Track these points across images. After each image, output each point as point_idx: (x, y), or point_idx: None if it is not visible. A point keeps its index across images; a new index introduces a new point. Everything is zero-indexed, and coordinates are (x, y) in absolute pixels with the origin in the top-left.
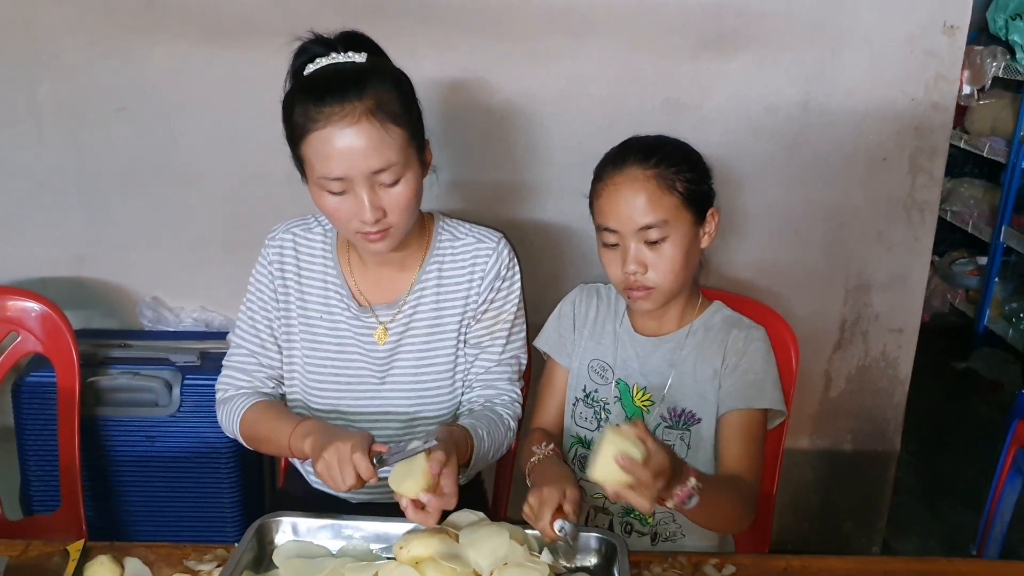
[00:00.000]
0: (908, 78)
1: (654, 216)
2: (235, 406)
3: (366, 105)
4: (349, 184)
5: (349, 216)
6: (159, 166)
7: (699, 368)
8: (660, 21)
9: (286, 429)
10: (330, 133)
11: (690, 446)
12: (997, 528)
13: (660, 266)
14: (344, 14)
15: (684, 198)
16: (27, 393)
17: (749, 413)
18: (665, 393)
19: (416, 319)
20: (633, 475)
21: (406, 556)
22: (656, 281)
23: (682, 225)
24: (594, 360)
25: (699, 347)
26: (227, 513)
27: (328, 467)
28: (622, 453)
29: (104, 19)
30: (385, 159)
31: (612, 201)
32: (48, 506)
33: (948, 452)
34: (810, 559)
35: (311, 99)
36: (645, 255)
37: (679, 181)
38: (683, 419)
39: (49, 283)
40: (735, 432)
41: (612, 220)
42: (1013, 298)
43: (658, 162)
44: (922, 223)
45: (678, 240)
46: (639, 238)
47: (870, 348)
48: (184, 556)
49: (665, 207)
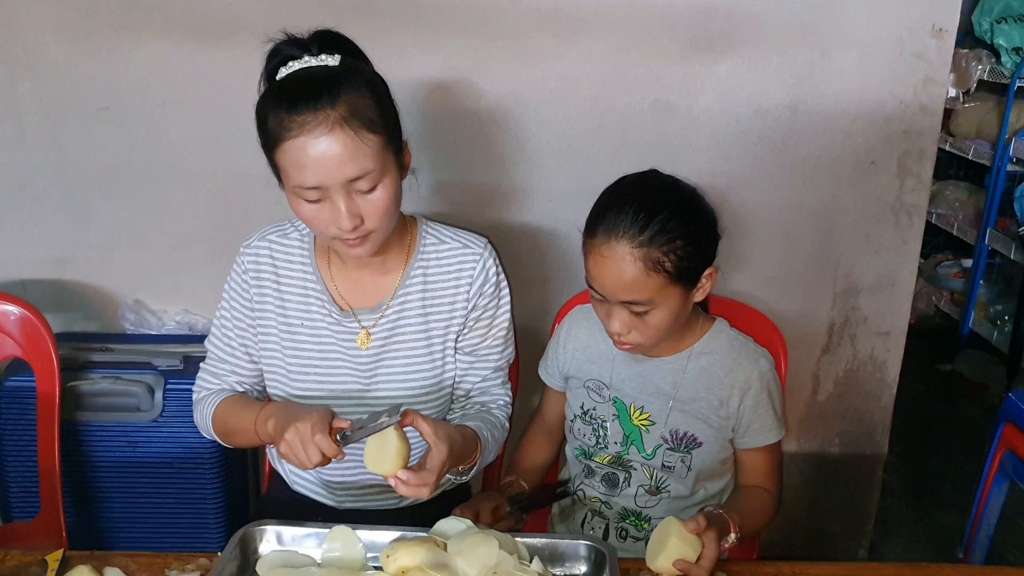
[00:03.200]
0: (897, 81)
1: (639, 295)
2: (207, 405)
3: (339, 112)
4: (325, 192)
5: (327, 223)
6: (142, 166)
7: (704, 395)
8: (649, 22)
9: (251, 416)
10: (304, 142)
11: (690, 468)
12: (983, 531)
13: (645, 331)
14: (329, 14)
15: (673, 277)
16: (6, 398)
17: (772, 445)
18: (667, 416)
19: (401, 324)
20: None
21: (393, 566)
22: (641, 341)
23: (669, 299)
24: (590, 380)
25: (704, 373)
26: (210, 520)
27: (291, 448)
28: (681, 559)
29: (86, 17)
30: (361, 167)
31: (598, 269)
32: (27, 513)
33: (934, 455)
34: (801, 565)
35: (283, 107)
36: (631, 320)
37: (668, 260)
38: (685, 442)
39: (29, 285)
40: (762, 464)
41: (597, 285)
42: (998, 300)
43: (651, 239)
44: (910, 226)
45: (664, 311)
46: (624, 306)
47: (858, 351)
48: (166, 565)
49: (651, 288)
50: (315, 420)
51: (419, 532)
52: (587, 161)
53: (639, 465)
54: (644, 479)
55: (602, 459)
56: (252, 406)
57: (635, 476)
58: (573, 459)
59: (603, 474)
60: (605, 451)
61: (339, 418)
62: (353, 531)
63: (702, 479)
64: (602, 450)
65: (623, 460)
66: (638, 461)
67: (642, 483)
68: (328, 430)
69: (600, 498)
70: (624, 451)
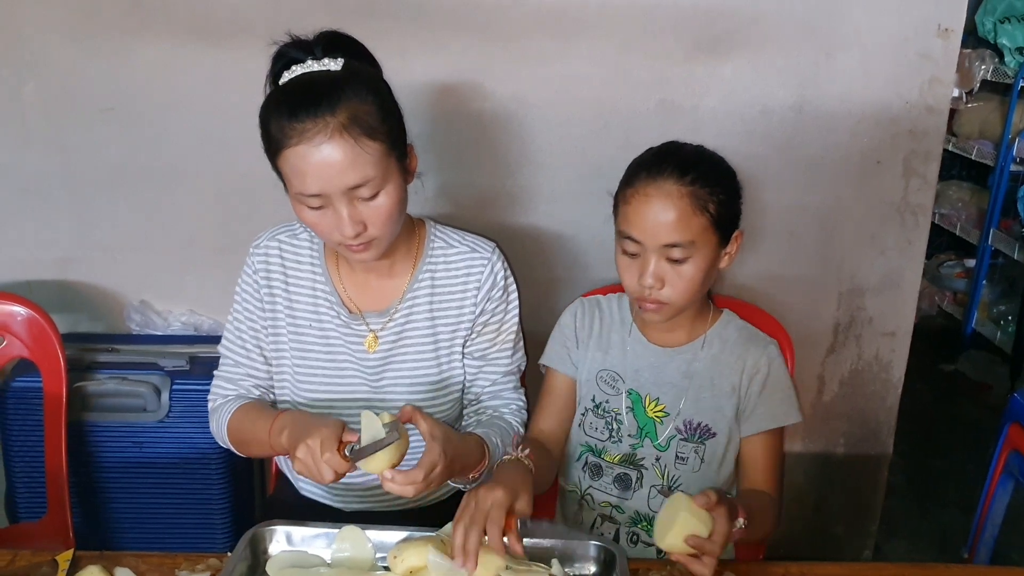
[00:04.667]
0: (902, 81)
1: (681, 236)
2: (222, 414)
3: (340, 120)
4: (327, 199)
5: (330, 230)
6: (147, 167)
7: (717, 382)
8: (654, 23)
9: (265, 426)
10: (304, 150)
11: (704, 460)
12: (988, 531)
13: (678, 284)
14: (334, 14)
15: (714, 220)
16: (13, 398)
17: (775, 432)
18: (681, 407)
19: (409, 328)
20: (703, 551)
21: (401, 566)
22: (671, 298)
23: (707, 247)
24: (603, 371)
25: (716, 360)
26: (216, 520)
27: (306, 467)
28: (692, 534)
29: (90, 18)
30: (362, 175)
31: (640, 211)
32: (34, 513)
33: (938, 454)
34: (809, 565)
35: (285, 113)
36: (665, 271)
37: (712, 202)
38: (698, 432)
39: (35, 286)
40: (762, 454)
41: (637, 230)
42: (1001, 301)
43: (694, 179)
44: (915, 226)
45: (700, 261)
46: (661, 254)
47: (863, 351)
48: (176, 566)
49: (694, 228)
50: (324, 436)
51: (427, 532)
52: (592, 162)
53: (651, 464)
54: (656, 479)
55: (612, 457)
56: (265, 416)
57: (647, 476)
58: (573, 462)
59: (615, 475)
60: (618, 446)
61: (349, 430)
62: (363, 531)
63: (716, 474)
64: (615, 444)
65: (635, 458)
66: (651, 458)
67: (654, 483)
68: (337, 445)
69: (611, 502)
70: (638, 444)
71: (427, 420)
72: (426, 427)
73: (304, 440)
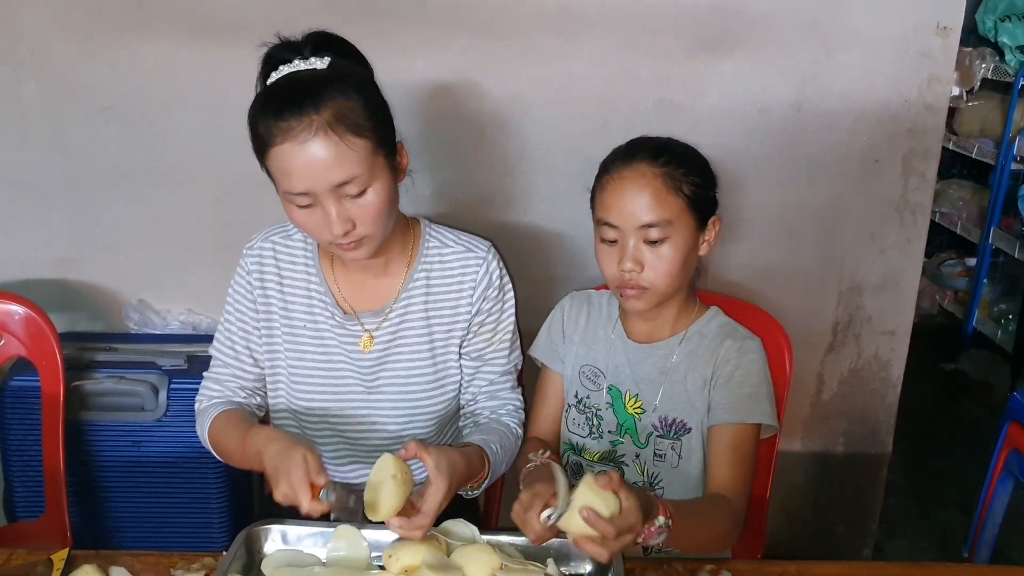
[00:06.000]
0: (901, 79)
1: (657, 215)
2: (205, 419)
3: (324, 117)
4: (315, 198)
5: (319, 228)
6: (146, 166)
7: (690, 377)
8: (654, 21)
9: (238, 444)
10: (289, 148)
11: (681, 456)
12: (988, 530)
13: (658, 267)
14: (333, 14)
15: (689, 201)
16: (10, 397)
17: (741, 428)
18: (657, 402)
19: (404, 328)
20: (596, 529)
21: (396, 565)
22: (651, 281)
23: (684, 229)
24: (585, 366)
25: (691, 355)
26: (214, 519)
27: (289, 501)
28: (587, 507)
29: (90, 17)
30: (347, 172)
31: (616, 195)
32: (32, 512)
33: (938, 454)
34: (807, 565)
35: (270, 113)
36: (643, 254)
37: (686, 184)
38: (674, 428)
39: (33, 285)
40: (725, 448)
41: (614, 215)
42: (1001, 299)
43: (667, 162)
44: (914, 225)
45: (678, 243)
46: (639, 236)
47: (862, 350)
48: (171, 565)
49: (669, 207)
50: (299, 484)
51: None
52: (592, 161)
53: (631, 460)
54: (636, 476)
55: (593, 455)
56: (239, 430)
57: (628, 473)
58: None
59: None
60: (599, 442)
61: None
62: (358, 530)
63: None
64: (596, 441)
65: (615, 455)
66: (631, 455)
67: (635, 481)
68: (311, 486)
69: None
70: (619, 440)
71: (431, 454)
72: (431, 462)
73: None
